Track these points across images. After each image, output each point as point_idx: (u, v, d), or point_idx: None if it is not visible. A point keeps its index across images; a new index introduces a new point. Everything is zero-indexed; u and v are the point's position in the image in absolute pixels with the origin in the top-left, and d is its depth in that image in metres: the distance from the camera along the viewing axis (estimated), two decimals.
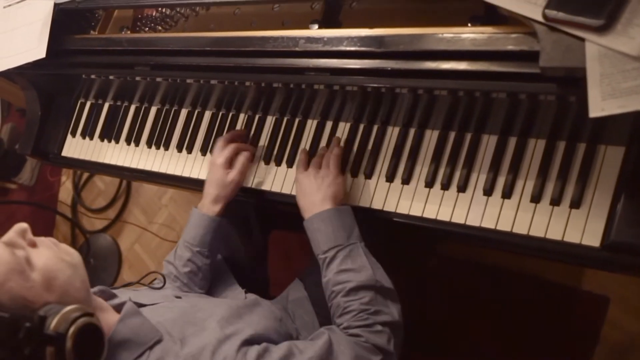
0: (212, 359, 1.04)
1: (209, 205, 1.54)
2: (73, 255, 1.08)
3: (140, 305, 1.18)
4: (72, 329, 0.92)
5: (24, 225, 1.03)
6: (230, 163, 1.56)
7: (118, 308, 1.14)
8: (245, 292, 1.50)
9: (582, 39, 1.00)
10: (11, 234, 1.01)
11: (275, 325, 1.27)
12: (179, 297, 1.32)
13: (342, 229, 1.33)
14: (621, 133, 1.17)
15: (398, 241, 1.68)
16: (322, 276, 1.33)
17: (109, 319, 1.08)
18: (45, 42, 1.69)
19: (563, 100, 1.15)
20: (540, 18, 1.04)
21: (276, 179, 1.60)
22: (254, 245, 1.76)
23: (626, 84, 0.94)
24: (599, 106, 0.96)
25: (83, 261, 1.11)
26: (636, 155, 1.15)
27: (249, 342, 1.10)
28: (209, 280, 1.56)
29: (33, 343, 0.89)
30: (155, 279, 1.52)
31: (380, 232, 1.50)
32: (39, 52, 1.69)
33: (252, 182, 1.63)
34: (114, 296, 1.21)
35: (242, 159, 1.57)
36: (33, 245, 1.03)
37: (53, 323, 0.91)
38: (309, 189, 1.42)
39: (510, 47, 1.11)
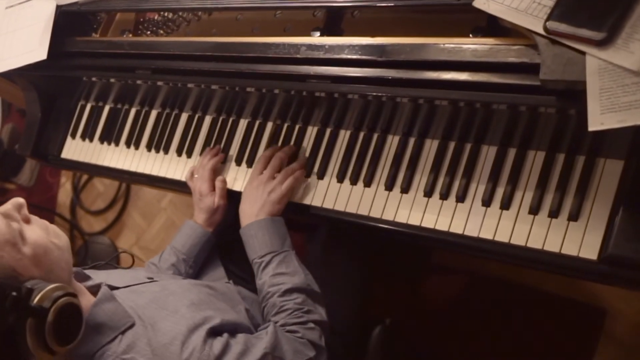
0: (182, 350, 1.07)
1: (202, 224, 1.62)
2: (61, 237, 1.11)
3: (113, 288, 1.20)
4: (55, 306, 0.95)
5: (20, 200, 1.06)
6: (213, 186, 1.62)
7: (92, 290, 1.17)
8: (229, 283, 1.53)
9: (583, 53, 1.00)
10: (8, 206, 1.04)
11: (244, 321, 1.29)
12: (151, 279, 1.35)
13: (277, 237, 1.42)
14: (620, 147, 1.18)
15: (395, 250, 1.68)
16: (256, 278, 1.41)
17: (84, 301, 1.10)
18: (47, 43, 1.70)
19: (563, 113, 1.15)
20: (541, 31, 1.04)
21: None
22: None
23: (625, 98, 0.95)
24: (598, 120, 0.96)
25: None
26: (635, 169, 1.15)
27: (215, 331, 1.13)
28: None
29: (17, 312, 0.92)
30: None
31: (377, 241, 1.51)
32: (40, 53, 1.70)
33: None
34: (87, 278, 1.24)
35: (220, 184, 1.63)
36: (27, 221, 1.06)
37: (38, 297, 0.94)
38: (255, 196, 1.49)
39: (511, 59, 1.12)
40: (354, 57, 1.30)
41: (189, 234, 1.60)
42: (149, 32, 1.83)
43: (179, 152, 1.80)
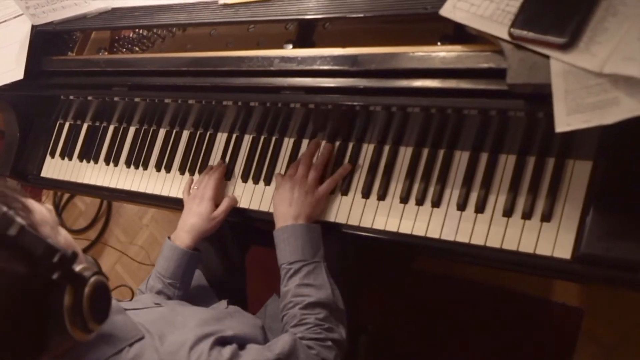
0: (189, 356, 1.07)
1: (184, 236, 1.56)
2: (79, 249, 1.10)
3: None
4: (94, 278, 0.95)
5: (50, 206, 1.05)
6: (216, 194, 1.60)
7: None
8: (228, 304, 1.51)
9: (547, 57, 1.02)
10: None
11: (256, 332, 1.30)
12: (158, 304, 1.34)
13: (310, 246, 1.38)
14: (588, 147, 1.20)
15: (374, 258, 1.69)
16: (282, 285, 1.37)
17: None
18: (23, 63, 1.70)
19: (532, 116, 1.17)
20: (506, 36, 1.06)
21: (254, 197, 1.61)
22: (230, 261, 1.77)
23: (590, 99, 0.97)
24: (564, 121, 0.98)
25: None
26: (603, 169, 1.18)
27: (224, 341, 1.13)
28: None
29: (61, 271, 0.90)
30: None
31: (356, 248, 1.52)
32: (17, 73, 1.70)
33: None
34: None
35: (229, 201, 1.59)
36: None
37: (81, 266, 0.94)
38: (291, 197, 1.45)
39: (478, 65, 1.14)
40: (326, 67, 1.32)
41: (169, 256, 1.54)
42: (124, 50, 1.84)
43: (158, 168, 1.80)
